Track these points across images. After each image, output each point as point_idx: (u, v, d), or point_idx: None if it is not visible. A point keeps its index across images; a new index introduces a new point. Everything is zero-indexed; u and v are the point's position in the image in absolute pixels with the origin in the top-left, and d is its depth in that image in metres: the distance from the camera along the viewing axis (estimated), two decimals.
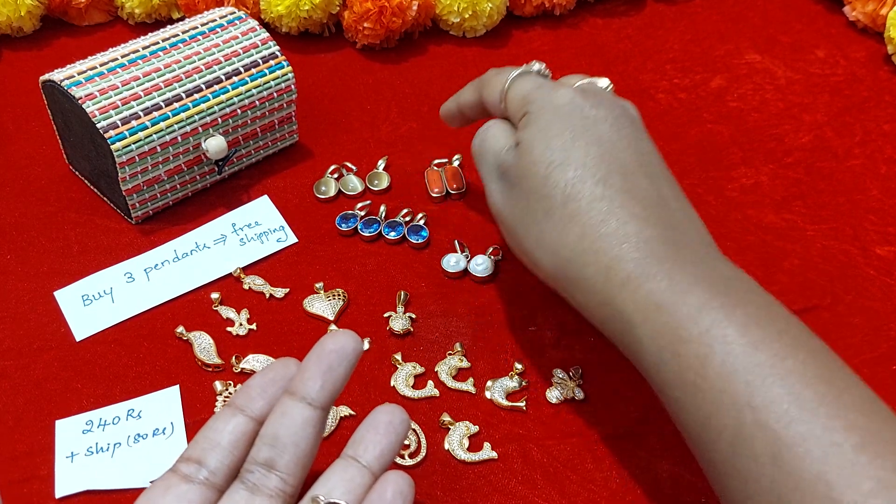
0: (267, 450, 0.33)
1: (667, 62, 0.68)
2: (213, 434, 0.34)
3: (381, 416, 0.36)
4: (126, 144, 0.48)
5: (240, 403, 0.35)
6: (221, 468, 0.33)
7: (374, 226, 0.53)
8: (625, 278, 0.36)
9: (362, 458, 0.34)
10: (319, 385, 0.34)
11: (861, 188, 0.57)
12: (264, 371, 0.36)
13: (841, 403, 0.31)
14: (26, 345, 0.47)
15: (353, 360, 0.35)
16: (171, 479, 0.33)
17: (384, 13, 0.64)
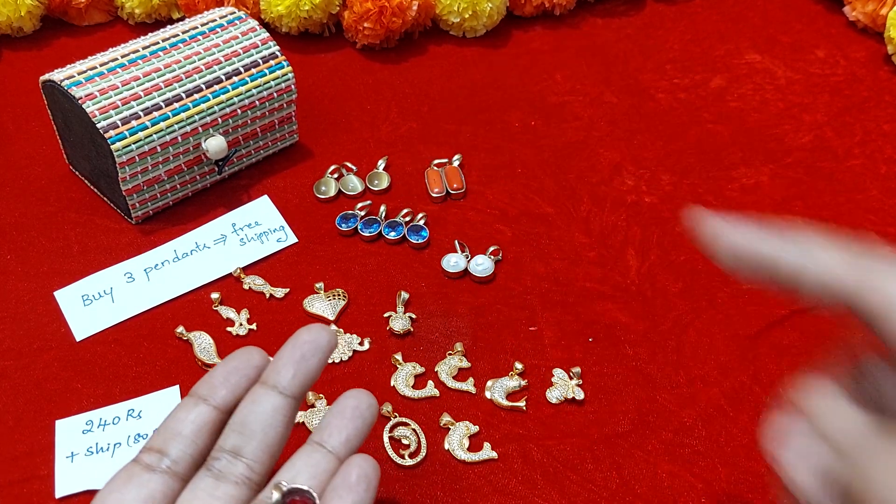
0: (235, 437, 0.33)
1: (667, 62, 0.68)
2: (175, 424, 0.33)
3: (348, 400, 0.35)
4: (126, 144, 0.48)
5: (202, 393, 0.34)
6: (184, 457, 0.33)
7: (375, 226, 0.53)
8: None
9: (327, 443, 0.34)
10: (292, 374, 0.34)
11: (861, 188, 0.57)
12: (227, 360, 0.35)
13: None
14: (26, 345, 0.47)
15: (326, 353, 0.35)
16: (133, 469, 0.32)
17: (384, 13, 0.64)
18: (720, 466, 0.42)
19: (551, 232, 0.53)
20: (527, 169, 0.58)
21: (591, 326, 0.48)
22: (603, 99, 0.64)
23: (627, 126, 0.62)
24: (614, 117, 0.63)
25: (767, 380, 0.45)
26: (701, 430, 0.43)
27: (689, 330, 0.48)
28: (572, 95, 0.65)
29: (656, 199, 0.56)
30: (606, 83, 0.66)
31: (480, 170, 0.58)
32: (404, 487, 0.41)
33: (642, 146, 0.60)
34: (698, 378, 0.45)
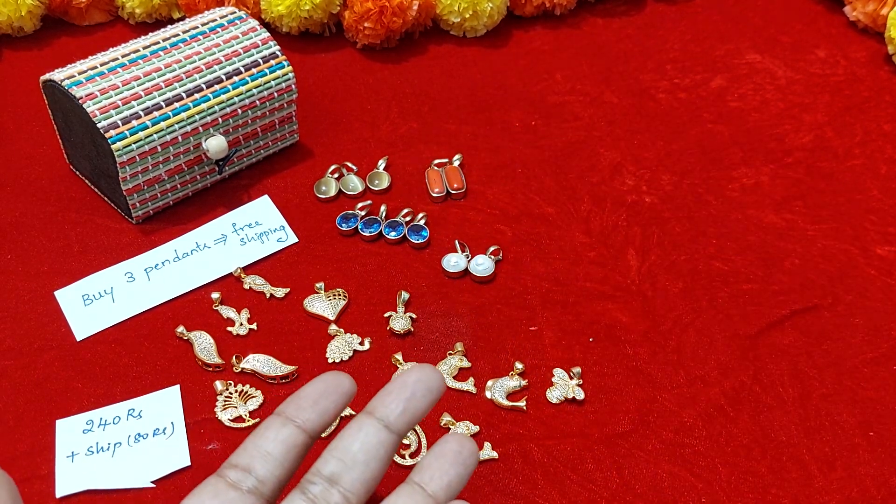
0: (335, 463, 0.31)
1: (667, 62, 0.68)
2: (263, 442, 0.32)
3: (451, 445, 0.33)
4: (126, 144, 0.48)
5: (290, 413, 0.33)
6: (270, 478, 0.32)
7: (375, 226, 0.53)
8: None
9: (428, 486, 0.32)
10: (401, 409, 0.33)
11: (861, 188, 0.57)
12: (316, 382, 0.34)
13: None
14: (26, 345, 0.47)
15: (436, 396, 0.34)
16: (218, 484, 0.31)
17: (384, 13, 0.64)
18: (720, 466, 0.42)
19: (551, 232, 0.53)
20: (527, 169, 0.58)
21: (592, 326, 0.48)
22: (603, 99, 0.64)
23: (627, 126, 0.62)
24: (614, 117, 0.63)
25: (767, 380, 0.45)
26: (701, 430, 0.43)
27: (689, 330, 0.48)
28: (572, 95, 0.65)
29: (656, 199, 0.56)
30: (606, 83, 0.66)
31: (480, 170, 0.58)
32: None
33: (642, 146, 0.60)
34: (698, 378, 0.45)
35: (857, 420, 0.44)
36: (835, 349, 0.47)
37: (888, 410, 0.44)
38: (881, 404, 0.44)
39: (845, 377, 0.46)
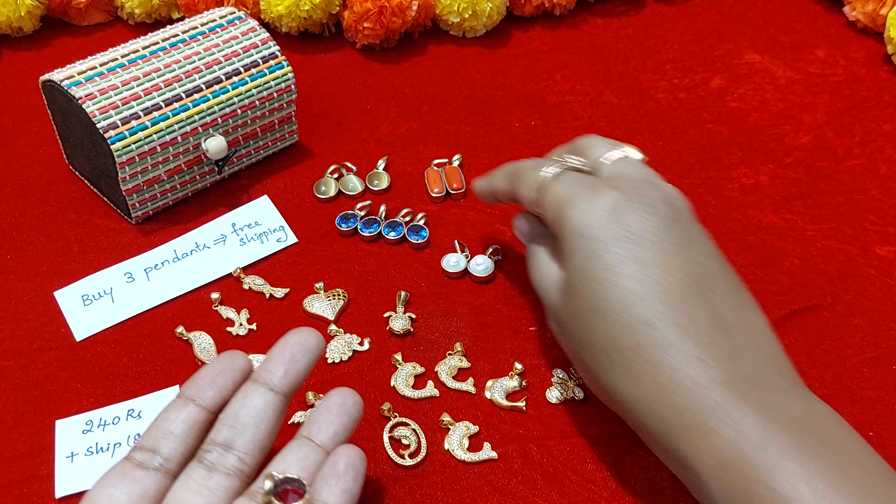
0: (226, 430, 0.34)
1: (667, 62, 0.68)
2: (166, 423, 0.35)
3: (335, 398, 0.37)
4: (126, 144, 0.48)
5: (190, 394, 0.36)
6: (175, 455, 0.34)
7: (374, 226, 0.53)
8: (687, 431, 0.33)
9: (316, 437, 0.36)
10: (283, 372, 0.36)
11: (861, 188, 0.57)
12: (213, 362, 0.37)
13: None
14: (26, 345, 0.47)
15: (316, 354, 0.37)
16: (125, 466, 0.33)
17: (384, 13, 0.64)
18: None
19: None
20: None
21: None
22: (603, 99, 0.64)
23: (627, 126, 0.62)
24: (614, 117, 0.63)
25: None
26: None
27: None
28: (572, 95, 0.65)
29: None
30: (606, 83, 0.66)
31: (480, 170, 0.58)
32: (404, 487, 0.41)
33: (642, 146, 0.60)
34: None
35: (856, 420, 0.44)
36: (835, 349, 0.47)
37: (888, 410, 0.44)
38: (881, 404, 0.44)
39: (845, 377, 0.46)
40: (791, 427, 0.32)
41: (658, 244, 0.35)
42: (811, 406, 0.34)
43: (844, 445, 0.33)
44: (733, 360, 0.34)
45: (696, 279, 0.35)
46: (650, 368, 0.34)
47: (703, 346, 0.34)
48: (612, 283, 0.35)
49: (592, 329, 0.36)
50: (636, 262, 0.35)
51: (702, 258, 0.36)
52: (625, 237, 0.36)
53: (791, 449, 0.31)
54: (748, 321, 0.35)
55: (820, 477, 0.31)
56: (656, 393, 0.34)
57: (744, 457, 0.32)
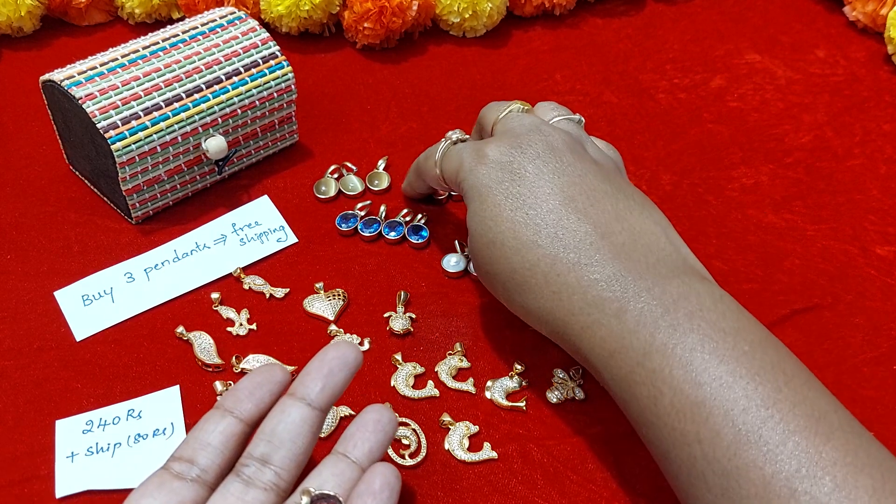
0: (264, 445, 0.34)
1: (667, 62, 0.68)
2: (204, 435, 0.35)
3: (370, 414, 0.37)
4: (126, 144, 0.48)
5: (228, 406, 0.36)
6: (212, 467, 0.34)
7: (375, 226, 0.53)
8: (580, 328, 0.38)
9: (351, 454, 0.36)
10: (320, 387, 0.36)
11: (861, 188, 0.57)
12: (251, 375, 0.37)
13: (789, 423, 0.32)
14: (26, 345, 0.47)
15: (353, 369, 0.37)
16: (163, 476, 0.34)
17: (384, 13, 0.64)
18: None
19: None
20: None
21: None
22: (603, 99, 0.64)
23: (627, 126, 0.62)
24: (614, 117, 0.63)
25: None
26: None
27: None
28: (572, 95, 0.65)
29: (656, 199, 0.56)
30: (606, 83, 0.66)
31: None
32: (404, 487, 0.41)
33: (642, 146, 0.60)
34: None
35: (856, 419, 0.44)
36: (835, 349, 0.47)
37: (888, 410, 0.44)
38: (881, 404, 0.44)
39: (845, 377, 0.46)
40: (665, 309, 0.35)
41: (534, 177, 0.40)
42: (689, 287, 0.36)
43: (717, 315, 0.35)
44: (614, 260, 0.37)
45: (571, 198, 0.39)
46: (543, 281, 0.38)
47: (583, 252, 0.38)
48: (499, 217, 0.40)
49: (493, 260, 0.40)
50: (517, 196, 0.40)
51: (577, 179, 0.40)
52: (506, 179, 0.40)
53: (662, 328, 0.35)
54: (630, 223, 0.39)
55: (688, 350, 0.34)
56: (552, 301, 0.38)
57: (624, 343, 0.36)
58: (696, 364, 0.34)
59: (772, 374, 0.33)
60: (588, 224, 0.38)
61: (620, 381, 0.36)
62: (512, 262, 0.39)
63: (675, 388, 0.34)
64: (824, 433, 0.32)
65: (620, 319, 0.36)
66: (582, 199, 0.39)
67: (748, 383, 0.33)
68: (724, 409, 0.33)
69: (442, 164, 0.46)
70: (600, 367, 0.37)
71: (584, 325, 0.37)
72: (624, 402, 0.37)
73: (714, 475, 0.33)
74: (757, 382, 0.33)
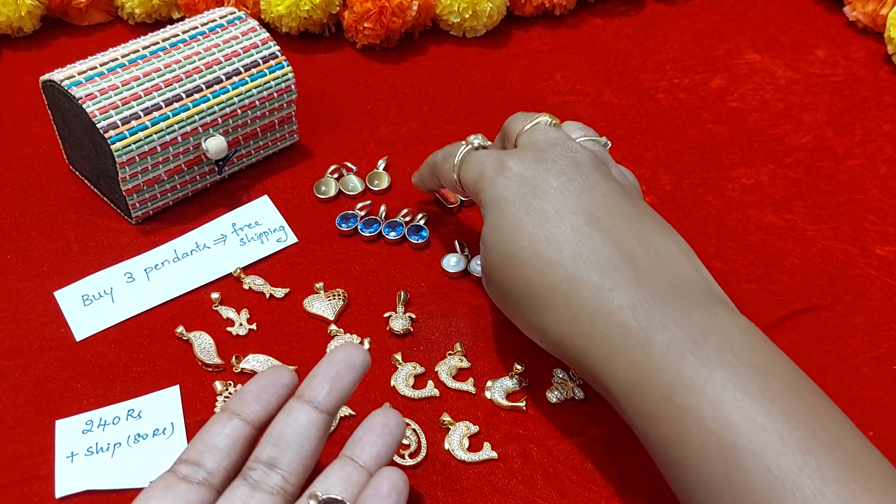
0: (271, 448, 0.34)
1: (667, 62, 0.68)
2: (210, 437, 0.35)
3: (378, 418, 0.37)
4: (126, 144, 0.48)
5: (235, 408, 0.36)
6: (219, 470, 0.34)
7: (375, 226, 0.53)
8: (600, 356, 0.36)
9: (359, 458, 0.36)
10: (327, 390, 0.36)
11: (861, 188, 0.57)
12: (258, 377, 0.37)
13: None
14: (26, 345, 0.47)
15: (360, 372, 0.37)
16: (170, 479, 0.34)
17: (384, 13, 0.64)
18: None
19: None
20: None
21: None
22: (603, 99, 0.64)
23: (627, 126, 0.62)
24: (614, 117, 0.63)
25: None
26: None
27: None
28: (572, 95, 0.65)
29: (656, 199, 0.56)
30: (606, 83, 0.66)
31: None
32: None
33: (642, 146, 0.60)
34: None
35: (856, 420, 0.43)
36: (835, 349, 0.47)
37: (888, 410, 0.44)
38: (881, 404, 0.44)
39: (845, 377, 0.46)
40: (694, 343, 0.34)
41: (558, 193, 0.39)
42: (716, 318, 0.35)
43: (747, 350, 0.34)
44: (638, 285, 0.36)
45: (595, 218, 0.38)
46: (563, 302, 0.37)
47: (606, 275, 0.36)
48: (519, 233, 0.38)
49: (509, 277, 0.39)
50: (538, 211, 0.38)
51: (601, 198, 0.39)
52: (528, 193, 0.39)
53: (691, 363, 0.33)
54: (654, 247, 0.38)
55: (721, 388, 0.32)
56: (571, 325, 0.37)
57: (649, 377, 0.34)
58: (727, 403, 0.32)
59: (807, 416, 0.32)
60: (612, 245, 0.37)
61: (644, 416, 0.34)
62: (530, 281, 0.38)
63: (705, 427, 0.32)
64: (862, 482, 0.30)
65: (645, 351, 0.34)
66: (606, 220, 0.38)
67: (783, 426, 0.31)
68: (757, 453, 0.31)
69: (461, 170, 0.44)
70: (621, 398, 0.35)
71: (605, 353, 0.36)
72: (646, 436, 0.35)
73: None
74: (792, 426, 0.31)
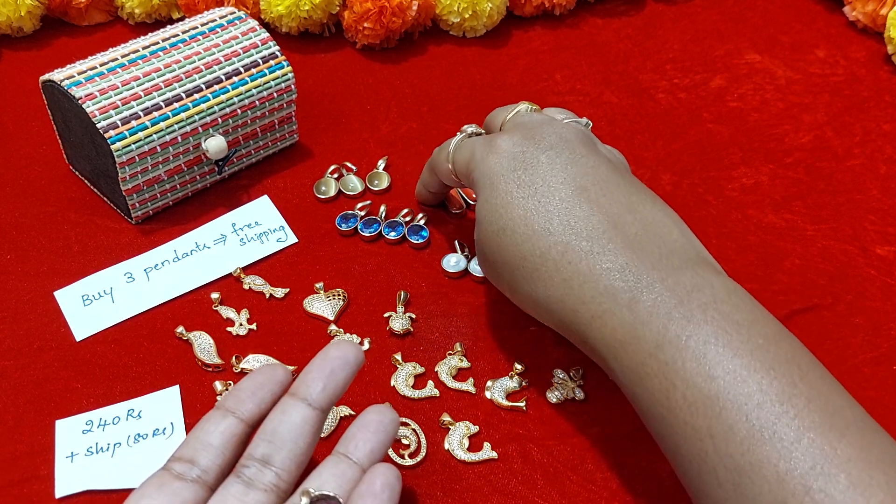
0: (265, 446, 0.34)
1: (667, 62, 0.68)
2: (204, 435, 0.35)
3: (372, 415, 0.37)
4: (126, 144, 0.48)
5: (230, 406, 0.36)
6: (213, 467, 0.34)
7: (374, 226, 0.53)
8: (590, 317, 0.37)
9: (353, 454, 0.36)
10: (321, 387, 0.36)
11: (861, 188, 0.57)
12: (253, 375, 0.37)
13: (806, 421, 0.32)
14: (26, 345, 0.47)
15: (354, 369, 0.37)
16: (164, 477, 0.34)
17: (384, 13, 0.64)
18: None
19: None
20: None
21: None
22: (603, 99, 0.64)
23: (627, 126, 0.62)
24: (614, 117, 0.63)
25: None
26: None
27: None
28: (572, 95, 0.65)
29: None
30: (606, 83, 0.66)
31: None
32: (404, 487, 0.41)
33: (642, 146, 0.60)
34: None
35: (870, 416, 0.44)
36: (835, 349, 0.47)
37: (888, 410, 0.44)
38: (881, 404, 0.44)
39: (845, 377, 0.45)
40: (679, 300, 0.35)
41: (547, 167, 0.40)
42: (702, 278, 0.36)
43: (731, 307, 0.35)
44: (627, 250, 0.37)
45: (583, 188, 0.39)
46: (553, 268, 0.38)
47: (595, 241, 0.37)
48: (510, 205, 0.40)
49: (502, 247, 0.40)
50: (528, 184, 0.40)
51: (589, 170, 0.40)
52: (518, 167, 0.40)
53: (675, 319, 0.34)
54: (643, 215, 0.39)
55: (701, 343, 0.33)
56: (562, 289, 0.38)
57: (636, 334, 0.35)
58: (709, 357, 0.33)
59: (787, 368, 0.33)
60: (601, 213, 0.38)
61: (630, 374, 0.36)
62: (522, 250, 0.39)
63: (688, 381, 0.33)
64: (839, 429, 0.31)
65: (632, 310, 0.36)
66: (594, 190, 0.39)
67: (763, 377, 0.32)
68: (737, 403, 0.32)
69: (454, 157, 0.46)
70: (609, 358, 0.37)
71: (594, 314, 0.37)
72: (634, 395, 0.36)
73: (726, 471, 0.32)
74: (772, 377, 0.32)
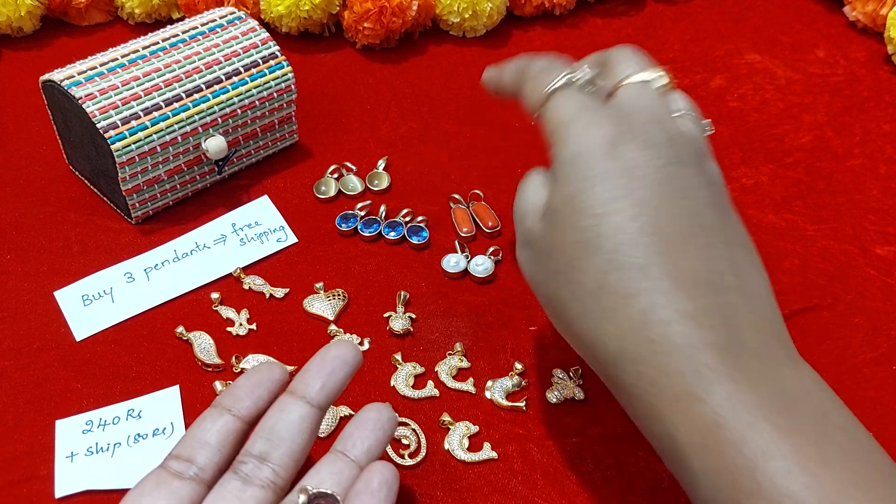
0: (262, 443, 0.34)
1: (667, 62, 0.68)
2: (202, 433, 0.35)
3: (370, 413, 0.37)
4: (126, 144, 0.48)
5: (227, 404, 0.36)
6: (210, 465, 0.34)
7: (374, 226, 0.53)
8: (672, 396, 0.30)
9: (350, 452, 0.36)
10: (319, 385, 0.36)
11: (861, 188, 0.57)
12: (250, 373, 0.37)
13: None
14: (26, 345, 0.47)
15: (352, 368, 0.37)
16: (161, 475, 0.34)
17: (384, 13, 0.64)
18: None
19: None
20: (527, 169, 0.58)
21: None
22: None
23: None
24: None
25: None
26: None
27: None
28: None
29: None
30: None
31: (480, 170, 0.58)
32: (404, 487, 0.41)
33: None
34: None
35: None
36: (835, 349, 0.47)
37: (888, 410, 0.44)
38: (881, 404, 0.44)
39: (845, 377, 0.46)
40: (783, 404, 0.29)
41: (657, 186, 0.32)
42: (805, 382, 0.31)
43: (841, 431, 0.30)
44: (727, 323, 0.31)
45: (693, 230, 0.32)
46: (639, 319, 0.31)
47: (697, 302, 0.31)
48: (605, 219, 0.32)
49: (578, 266, 0.33)
50: (633, 201, 0.32)
51: (702, 208, 0.33)
52: (623, 173, 0.33)
53: (782, 429, 0.29)
54: (746, 282, 0.32)
55: (816, 464, 0.28)
56: (643, 349, 0.31)
57: (732, 433, 0.29)
58: (822, 479, 0.28)
59: None
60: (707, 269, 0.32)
61: (714, 472, 0.29)
62: (603, 280, 0.32)
63: None
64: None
65: (730, 401, 0.29)
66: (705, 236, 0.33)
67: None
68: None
69: (547, 108, 0.36)
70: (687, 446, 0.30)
71: (678, 392, 0.30)
72: (716, 502, 0.30)
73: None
74: None
